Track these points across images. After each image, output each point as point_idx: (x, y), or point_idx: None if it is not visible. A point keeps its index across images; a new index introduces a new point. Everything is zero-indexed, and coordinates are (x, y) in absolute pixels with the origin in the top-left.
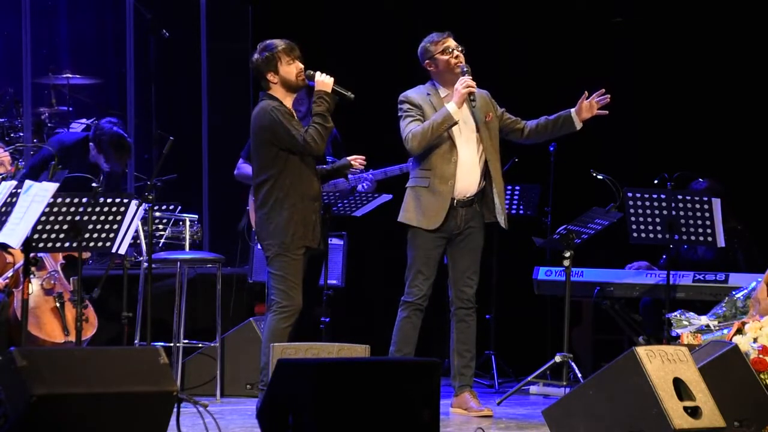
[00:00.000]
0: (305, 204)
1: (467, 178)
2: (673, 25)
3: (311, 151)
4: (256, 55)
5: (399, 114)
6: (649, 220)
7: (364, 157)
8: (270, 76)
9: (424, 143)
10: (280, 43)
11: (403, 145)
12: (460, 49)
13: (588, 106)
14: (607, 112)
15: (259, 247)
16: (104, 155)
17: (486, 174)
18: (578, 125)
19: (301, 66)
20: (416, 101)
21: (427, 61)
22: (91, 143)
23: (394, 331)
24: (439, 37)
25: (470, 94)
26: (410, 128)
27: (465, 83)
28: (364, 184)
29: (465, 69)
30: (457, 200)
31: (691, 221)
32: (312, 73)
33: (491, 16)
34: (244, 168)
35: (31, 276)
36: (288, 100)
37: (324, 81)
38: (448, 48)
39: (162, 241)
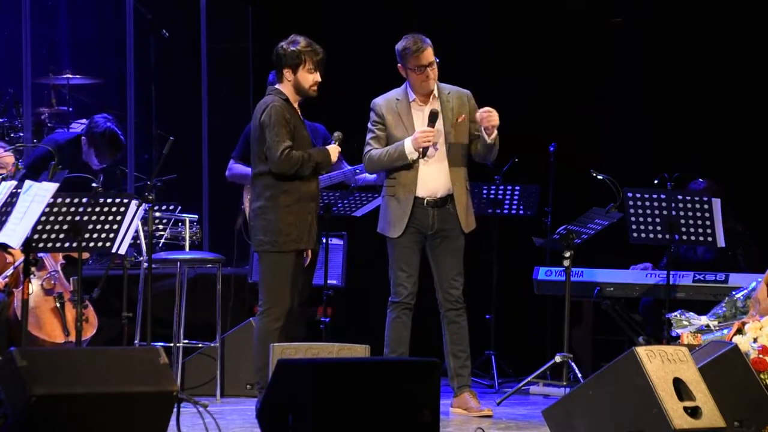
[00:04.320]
0: (301, 205)
1: (433, 181)
2: (673, 26)
3: (280, 167)
4: (284, 44)
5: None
6: (649, 220)
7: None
8: (287, 72)
9: (376, 170)
10: (309, 48)
11: None
12: (434, 64)
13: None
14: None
15: None
16: (95, 149)
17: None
18: (486, 138)
19: (319, 79)
20: (381, 111)
21: (399, 65)
22: (83, 137)
23: (386, 333)
24: (415, 50)
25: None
26: (368, 148)
27: (425, 136)
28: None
29: (435, 110)
30: (427, 200)
31: (691, 221)
32: (339, 137)
33: (490, 16)
34: (236, 168)
35: (31, 276)
36: (294, 102)
37: (335, 154)
38: (419, 67)
39: (162, 241)
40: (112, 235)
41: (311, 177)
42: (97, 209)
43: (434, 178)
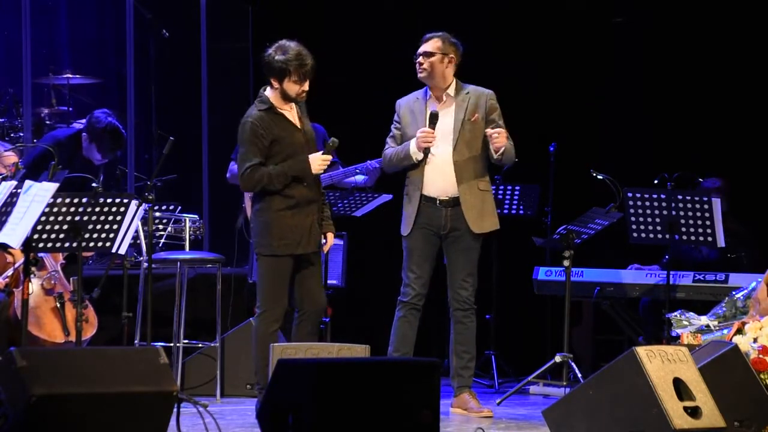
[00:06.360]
0: (299, 209)
1: (440, 180)
2: (674, 26)
3: (243, 185)
4: (271, 52)
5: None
6: (649, 220)
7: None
8: (273, 81)
9: (390, 168)
10: (296, 60)
11: None
12: (432, 56)
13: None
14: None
15: None
16: (97, 144)
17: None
18: (493, 154)
19: (306, 88)
20: (401, 110)
21: None
22: (84, 133)
23: (392, 332)
24: (424, 39)
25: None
26: (386, 146)
27: (424, 137)
28: (365, 172)
29: (434, 111)
30: (440, 200)
31: (691, 221)
32: (331, 144)
33: (490, 16)
34: (236, 169)
35: (32, 276)
36: (285, 105)
37: (319, 163)
38: (416, 53)
39: (162, 241)
40: (112, 235)
41: (308, 182)
42: (97, 209)
43: (441, 177)
